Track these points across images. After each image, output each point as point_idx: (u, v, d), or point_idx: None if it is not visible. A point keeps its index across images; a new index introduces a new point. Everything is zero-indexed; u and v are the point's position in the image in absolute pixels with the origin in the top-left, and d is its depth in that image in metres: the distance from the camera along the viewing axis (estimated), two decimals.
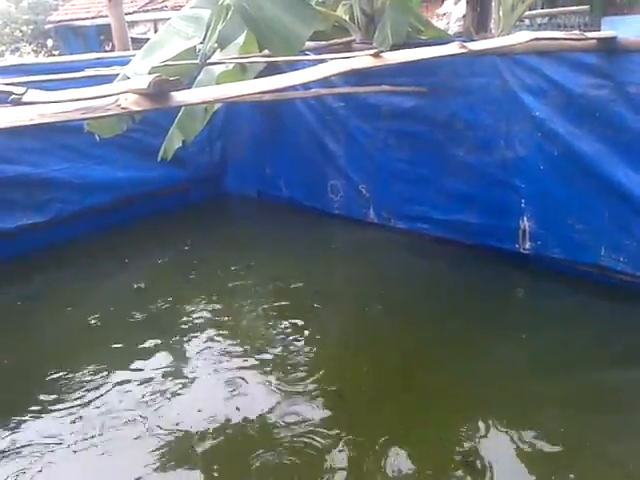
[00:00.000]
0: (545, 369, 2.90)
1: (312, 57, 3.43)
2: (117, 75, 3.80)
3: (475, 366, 2.96)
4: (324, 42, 4.46)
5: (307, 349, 3.15)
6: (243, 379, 2.89)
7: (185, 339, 3.30)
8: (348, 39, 4.54)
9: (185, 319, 3.51)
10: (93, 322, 3.52)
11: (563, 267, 3.67)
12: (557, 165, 3.58)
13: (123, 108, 1.75)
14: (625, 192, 3.34)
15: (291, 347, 3.16)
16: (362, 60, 2.52)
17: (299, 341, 3.22)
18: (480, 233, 4.01)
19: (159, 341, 3.28)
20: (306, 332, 3.31)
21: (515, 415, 2.58)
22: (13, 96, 2.40)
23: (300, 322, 3.41)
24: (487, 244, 3.98)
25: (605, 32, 3.60)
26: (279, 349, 3.15)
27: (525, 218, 3.78)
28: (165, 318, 3.54)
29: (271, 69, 4.05)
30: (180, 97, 1.91)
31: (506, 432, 2.47)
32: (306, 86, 4.25)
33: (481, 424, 2.52)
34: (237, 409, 2.66)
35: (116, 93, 1.88)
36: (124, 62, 4.01)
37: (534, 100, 3.61)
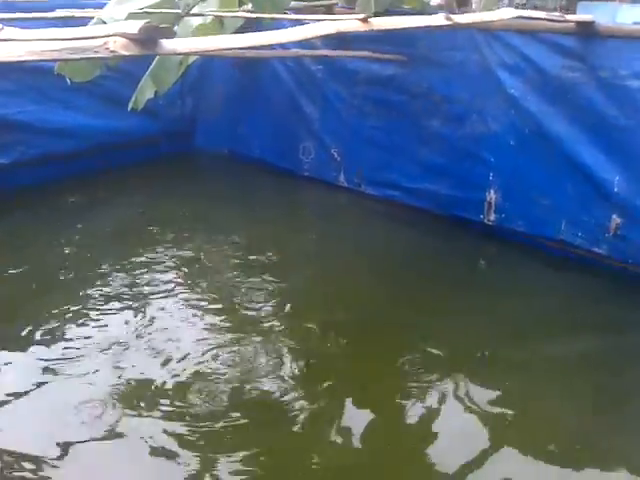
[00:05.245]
0: (502, 334, 3.05)
1: (296, 16, 3.39)
2: (91, 19, 3.69)
3: (438, 328, 3.07)
4: (305, 3, 4.40)
5: (272, 306, 3.20)
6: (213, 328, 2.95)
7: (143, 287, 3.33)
8: (330, 2, 4.49)
9: (144, 267, 3.52)
10: (61, 265, 3.50)
11: (525, 239, 3.83)
12: (527, 142, 3.69)
13: (112, 51, 1.72)
14: (588, 172, 3.50)
15: (254, 303, 3.21)
16: (350, 23, 2.52)
17: (263, 294, 3.28)
18: (448, 203, 4.11)
19: (112, 290, 3.27)
20: (270, 288, 3.36)
21: (471, 374, 2.70)
22: None
23: (265, 278, 3.45)
24: (454, 214, 4.09)
25: (584, 16, 3.67)
26: (243, 302, 3.21)
27: (492, 191, 3.89)
28: (135, 267, 3.53)
29: (249, 27, 4.00)
30: (169, 45, 1.88)
31: (457, 389, 2.59)
32: (285, 46, 4.22)
33: (440, 384, 2.63)
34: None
35: (103, 36, 1.84)
36: (97, 5, 3.88)
37: (510, 77, 3.69)
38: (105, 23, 3.55)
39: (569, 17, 3.39)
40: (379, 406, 2.53)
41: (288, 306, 3.24)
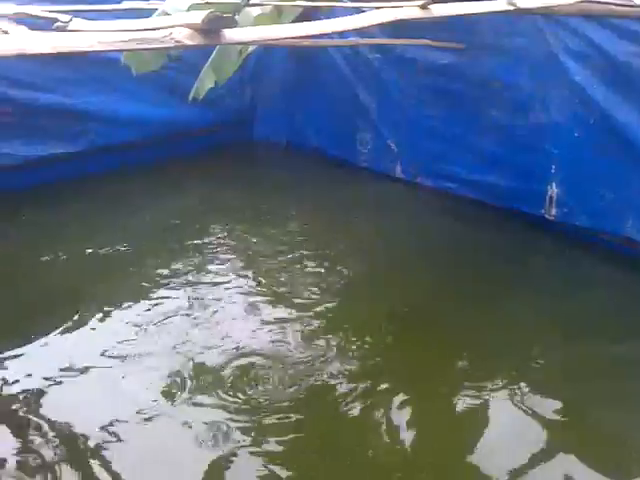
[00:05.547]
0: (559, 333, 2.96)
1: (354, 4, 3.38)
2: (154, 10, 3.78)
3: (491, 325, 3.02)
4: None
5: (325, 295, 3.23)
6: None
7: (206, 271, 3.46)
8: None
9: (201, 254, 3.65)
10: (122, 249, 3.67)
11: (588, 235, 3.69)
12: (592, 133, 3.54)
13: (177, 42, 1.77)
14: None
15: (308, 292, 3.26)
16: (408, 11, 2.50)
17: (317, 283, 3.32)
18: (507, 196, 4.01)
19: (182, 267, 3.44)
20: (324, 278, 3.40)
21: (523, 373, 2.65)
22: (58, 23, 2.42)
23: (320, 267, 3.51)
24: (513, 207, 3.98)
25: None
26: (297, 290, 3.27)
27: (554, 184, 3.76)
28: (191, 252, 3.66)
29: (306, 17, 4.02)
30: (231, 35, 1.93)
31: (508, 389, 2.54)
32: (343, 35, 4.21)
33: (491, 382, 2.58)
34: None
35: (167, 26, 1.90)
36: None
37: (575, 64, 3.55)
38: (169, 14, 3.65)
39: (637, 0, 3.23)
40: (428, 402, 2.52)
41: (342, 296, 3.26)
